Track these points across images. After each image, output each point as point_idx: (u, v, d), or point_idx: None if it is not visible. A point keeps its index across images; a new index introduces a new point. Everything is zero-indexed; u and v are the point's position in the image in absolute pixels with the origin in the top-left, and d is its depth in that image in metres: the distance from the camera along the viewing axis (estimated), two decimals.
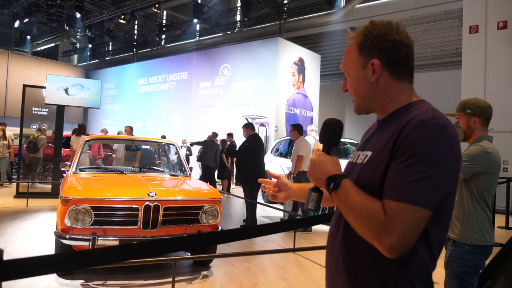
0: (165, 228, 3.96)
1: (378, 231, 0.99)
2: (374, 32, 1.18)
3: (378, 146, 1.14)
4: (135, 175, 4.87)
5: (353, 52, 1.22)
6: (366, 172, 1.13)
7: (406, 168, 1.01)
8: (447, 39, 14.05)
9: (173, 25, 20.18)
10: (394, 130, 1.09)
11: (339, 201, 1.10)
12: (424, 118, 1.04)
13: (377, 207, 1.02)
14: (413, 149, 1.01)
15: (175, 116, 18.12)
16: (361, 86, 1.21)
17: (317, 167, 1.16)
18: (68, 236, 3.75)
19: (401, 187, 1.00)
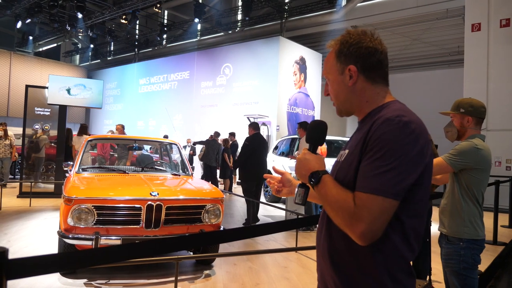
0: (168, 228, 3.97)
1: (349, 220, 1.09)
2: (350, 40, 1.28)
3: (353, 144, 1.24)
4: (138, 175, 4.88)
5: (331, 59, 1.31)
6: (342, 168, 1.23)
7: (372, 162, 1.10)
8: (449, 37, 14.02)
9: (174, 25, 20.20)
10: (366, 129, 1.19)
11: (320, 194, 1.20)
12: (389, 116, 1.14)
13: (349, 199, 1.12)
14: (378, 144, 1.11)
15: (177, 116, 18.14)
16: (340, 90, 1.30)
17: (302, 165, 1.26)
18: (71, 236, 3.76)
19: (368, 179, 1.10)
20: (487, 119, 10.88)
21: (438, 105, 13.86)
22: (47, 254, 1.13)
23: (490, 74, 10.88)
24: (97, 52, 24.61)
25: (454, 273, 2.49)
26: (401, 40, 14.84)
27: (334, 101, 1.34)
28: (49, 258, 1.12)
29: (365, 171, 1.12)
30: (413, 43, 14.78)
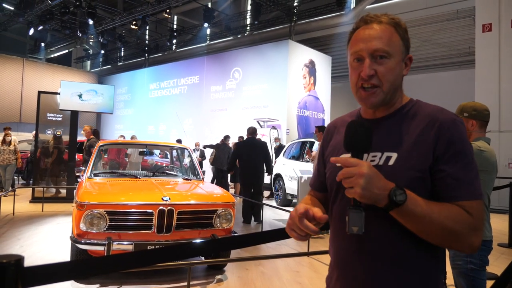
0: (179, 232, 3.98)
1: (469, 232, 1.02)
2: (407, 29, 1.20)
3: (403, 146, 1.10)
4: (149, 180, 4.90)
5: (395, 38, 1.15)
6: (400, 174, 1.07)
7: (464, 168, 1.05)
8: (460, 38, 13.89)
9: (184, 30, 20.32)
10: (421, 130, 1.10)
11: (409, 214, 1.00)
12: (455, 117, 1.10)
13: (460, 210, 1.03)
14: (463, 149, 1.06)
15: (187, 120, 18.21)
16: (399, 76, 1.16)
17: (374, 182, 0.99)
18: (83, 241, 3.78)
19: (470, 186, 1.04)
20: (500, 120, 10.74)
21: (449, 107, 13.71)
22: (61, 261, 1.14)
23: (502, 74, 10.75)
24: (107, 58, 24.85)
25: (461, 274, 2.50)
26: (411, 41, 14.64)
27: (384, 86, 1.13)
28: (64, 266, 1.12)
29: (460, 177, 1.04)
30: (423, 45, 14.67)
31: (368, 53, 1.12)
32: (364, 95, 1.14)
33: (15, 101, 21.09)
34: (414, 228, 1.03)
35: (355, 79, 1.16)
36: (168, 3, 15.74)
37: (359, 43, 1.15)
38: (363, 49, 1.13)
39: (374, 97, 1.14)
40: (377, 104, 1.15)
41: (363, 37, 1.15)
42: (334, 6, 15.32)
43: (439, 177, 1.06)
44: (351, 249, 1.14)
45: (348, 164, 1.00)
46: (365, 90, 1.14)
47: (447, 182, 1.05)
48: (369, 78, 1.12)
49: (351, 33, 1.22)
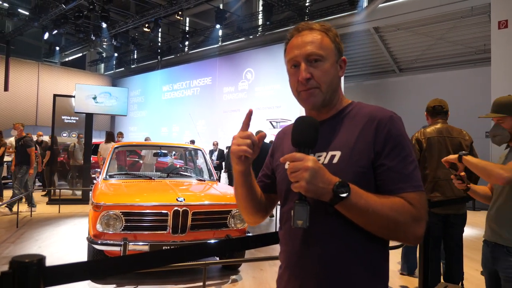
0: (194, 233, 4.00)
1: (412, 223, 1.05)
2: (337, 34, 1.27)
3: (345, 144, 1.15)
4: (163, 181, 4.94)
5: (327, 43, 1.22)
6: (344, 171, 1.10)
7: (403, 160, 1.10)
8: (475, 35, 13.67)
9: (196, 32, 20.42)
10: (361, 128, 1.15)
11: (357, 206, 1.03)
12: (392, 114, 1.15)
13: (402, 202, 1.06)
14: (400, 142, 1.11)
15: (200, 121, 18.30)
16: (335, 77, 1.22)
17: (319, 176, 1.01)
18: (100, 242, 3.83)
19: (410, 177, 1.09)
20: None
21: (464, 105, 13.56)
22: (80, 261, 1.16)
23: None
24: (121, 61, 25.09)
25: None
26: (425, 40, 14.57)
27: (322, 87, 1.18)
28: (83, 266, 1.14)
29: (400, 171, 1.09)
30: (437, 43, 14.48)
31: (303, 58, 1.18)
32: (305, 95, 1.20)
33: (31, 104, 21.44)
34: (360, 221, 1.06)
35: (294, 84, 1.22)
36: (180, 5, 15.83)
37: (294, 50, 1.21)
38: (297, 55, 1.20)
39: (314, 97, 1.19)
40: (317, 104, 1.20)
41: (297, 44, 1.21)
42: (346, 5, 15.22)
43: (381, 171, 1.10)
44: (300, 246, 1.16)
45: (294, 159, 1.03)
46: (305, 92, 1.20)
47: (388, 175, 1.10)
48: (307, 82, 1.17)
49: (286, 43, 1.29)
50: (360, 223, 1.07)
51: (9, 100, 20.20)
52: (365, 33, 15.24)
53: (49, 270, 0.98)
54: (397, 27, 14.41)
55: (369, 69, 16.96)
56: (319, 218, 1.11)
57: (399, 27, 14.32)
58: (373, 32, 15.08)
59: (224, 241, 1.61)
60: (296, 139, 1.10)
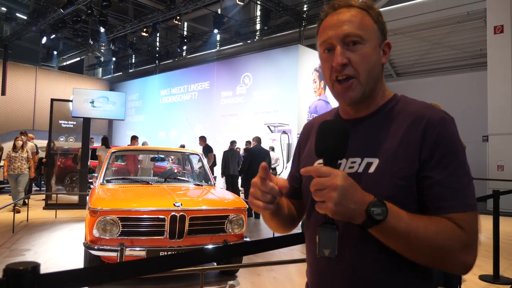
0: (191, 238, 3.98)
1: (462, 250, 0.87)
2: (378, 10, 1.05)
3: (385, 150, 0.96)
4: (161, 186, 4.92)
5: (369, 22, 1.01)
6: (381, 183, 0.93)
7: (454, 173, 0.91)
8: (471, 40, 13.77)
9: (194, 36, 20.46)
10: (405, 130, 0.95)
11: (390, 231, 0.86)
12: (444, 115, 0.96)
13: (451, 225, 0.88)
14: (453, 150, 0.92)
15: (198, 126, 18.29)
16: (377, 63, 1.01)
17: (350, 195, 0.83)
18: (96, 247, 3.81)
19: (461, 194, 0.90)
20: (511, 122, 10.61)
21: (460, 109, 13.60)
22: (76, 268, 1.15)
23: None
24: (119, 65, 25.11)
25: None
26: (422, 44, 14.65)
27: (361, 76, 0.98)
28: (79, 272, 1.13)
29: (450, 184, 0.90)
30: (434, 47, 14.57)
31: (339, 39, 0.98)
32: (341, 89, 1.00)
33: (29, 108, 21.39)
34: (398, 247, 0.89)
35: (328, 72, 1.01)
36: (178, 10, 15.87)
37: (328, 30, 1.00)
38: (332, 37, 0.99)
39: (352, 91, 0.99)
40: (356, 99, 1.00)
41: (332, 24, 1.00)
42: None
43: (426, 185, 0.92)
44: (325, 273, 1.01)
45: (319, 174, 0.84)
46: (340, 83, 0.99)
47: (434, 191, 0.91)
48: (342, 68, 0.97)
49: (319, 24, 1.06)
50: (399, 249, 0.89)
51: (6, 105, 20.15)
52: None
53: (44, 278, 0.97)
54: (394, 32, 14.47)
55: None
56: (348, 243, 0.96)
57: (396, 32, 14.38)
58: None
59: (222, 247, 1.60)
60: (320, 148, 0.91)
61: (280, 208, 1.08)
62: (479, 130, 12.56)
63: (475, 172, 8.40)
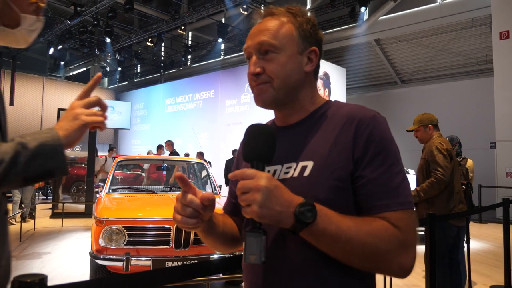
0: (197, 248, 3.97)
1: (397, 250, 0.84)
2: (310, 19, 1.04)
3: (319, 152, 0.93)
4: (166, 195, 4.93)
5: (289, 30, 1.00)
6: (317, 185, 0.90)
7: (388, 171, 0.88)
8: (477, 46, 13.74)
9: (199, 46, 20.59)
10: (338, 132, 0.93)
11: (321, 234, 0.82)
12: (374, 114, 0.94)
13: (385, 224, 0.85)
14: (384, 148, 0.90)
15: (203, 134, 18.34)
16: (294, 72, 0.99)
17: (275, 197, 0.80)
18: (102, 257, 3.80)
19: (396, 192, 0.87)
20: None
21: (467, 116, 13.55)
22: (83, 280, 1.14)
23: None
24: (124, 75, 25.30)
25: None
26: (426, 51, 14.63)
27: (274, 82, 0.98)
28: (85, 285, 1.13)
29: (383, 182, 0.87)
30: (438, 54, 14.54)
31: (254, 49, 1.00)
32: (255, 92, 1.02)
33: (36, 118, 21.56)
34: (331, 251, 0.85)
35: (248, 79, 1.05)
36: (183, 19, 16.01)
37: (248, 39, 1.03)
38: (250, 46, 1.01)
39: (264, 94, 1.00)
40: (268, 102, 1.01)
41: (252, 33, 1.03)
42: (347, 18, 15.33)
43: (360, 184, 0.89)
44: (260, 282, 0.96)
45: (244, 176, 0.82)
46: (255, 87, 1.02)
47: (368, 190, 0.88)
48: (257, 77, 1.00)
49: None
50: (333, 253, 0.85)
51: (14, 115, 20.32)
52: (366, 46, 15.32)
53: None
54: (398, 39, 14.48)
55: (371, 81, 17.01)
56: (280, 249, 0.92)
57: (400, 39, 14.39)
58: (374, 45, 15.16)
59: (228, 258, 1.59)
60: (247, 152, 0.89)
61: (213, 226, 1.03)
62: (487, 137, 12.48)
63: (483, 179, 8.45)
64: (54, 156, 0.94)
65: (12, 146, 0.89)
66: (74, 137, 1.01)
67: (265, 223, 0.82)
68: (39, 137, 0.93)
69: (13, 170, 0.88)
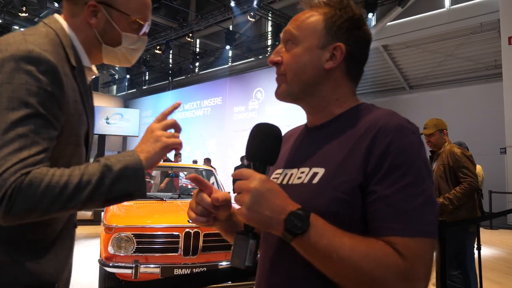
0: (206, 255, 3.97)
1: (396, 281, 0.73)
2: (349, 12, 0.93)
3: (332, 160, 0.86)
4: (175, 202, 4.94)
5: (316, 22, 0.93)
6: (322, 195, 0.83)
7: (403, 190, 0.76)
8: (485, 51, 13.64)
9: (206, 53, 20.71)
10: (356, 139, 0.84)
11: (311, 248, 0.75)
12: (402, 122, 0.82)
13: (385, 248, 0.74)
14: (404, 163, 0.78)
15: (211, 141, 18.39)
16: (309, 66, 0.92)
17: (265, 201, 0.76)
18: (111, 264, 3.82)
19: (408, 216, 0.75)
20: None
21: (476, 121, 13.42)
22: None
23: None
24: (133, 82, 25.50)
25: None
26: (435, 56, 14.56)
27: (288, 74, 0.94)
28: None
29: (395, 202, 0.76)
30: (447, 59, 14.47)
31: (282, 37, 0.97)
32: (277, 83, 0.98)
33: None
34: (322, 268, 0.77)
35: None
36: (191, 27, 16.13)
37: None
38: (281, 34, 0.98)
39: (278, 87, 0.97)
40: (281, 95, 0.97)
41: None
42: None
43: (369, 200, 0.79)
44: (262, 284, 0.93)
45: (240, 176, 0.79)
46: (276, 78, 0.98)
47: (376, 208, 0.78)
48: (276, 66, 0.96)
49: None
50: (324, 271, 0.78)
51: None
52: (374, 51, 15.29)
53: None
54: (406, 45, 14.44)
55: (379, 86, 16.96)
56: (283, 253, 0.87)
57: (408, 45, 14.35)
58: (382, 50, 15.13)
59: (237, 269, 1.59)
60: (247, 151, 0.87)
61: (234, 225, 1.00)
62: (496, 143, 12.35)
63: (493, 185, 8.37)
64: (135, 179, 0.99)
65: (99, 168, 0.95)
66: (155, 159, 1.05)
67: (254, 226, 0.79)
68: (123, 160, 0.98)
69: (97, 191, 0.93)
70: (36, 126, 0.92)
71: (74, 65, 1.07)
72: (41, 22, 1.11)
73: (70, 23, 1.12)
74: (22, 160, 0.87)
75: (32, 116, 0.92)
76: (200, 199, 0.90)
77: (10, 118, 0.89)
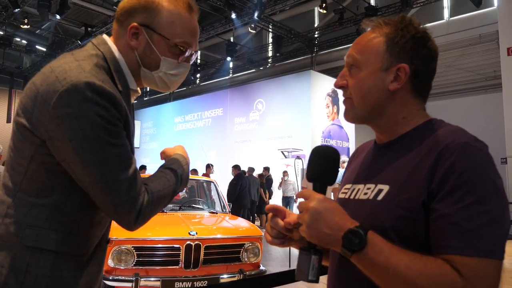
0: (207, 268, 3.94)
1: None
2: (412, 31, 0.93)
3: (396, 177, 0.88)
4: (175, 214, 4.92)
5: (378, 44, 0.94)
6: (385, 212, 0.85)
7: (467, 209, 0.75)
8: (484, 62, 13.72)
9: (207, 64, 20.84)
10: (421, 157, 0.85)
11: (369, 264, 0.78)
12: (468, 140, 0.82)
13: (444, 267, 0.74)
14: (468, 181, 0.77)
15: (212, 152, 18.37)
16: (374, 89, 0.93)
17: (324, 219, 0.80)
18: (111, 277, 3.79)
19: (471, 235, 0.74)
20: None
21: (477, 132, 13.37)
22: None
23: None
24: None
25: None
26: None
27: (354, 98, 0.96)
28: None
29: (457, 221, 0.75)
30: (446, 70, 14.53)
31: (346, 61, 0.99)
32: (345, 108, 1.02)
33: None
34: (379, 282, 0.80)
35: None
36: None
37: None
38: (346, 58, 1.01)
39: (346, 110, 1.00)
40: (350, 118, 1.00)
41: (353, 44, 1.02)
42: (354, 36, 15.45)
43: (432, 218, 0.79)
44: None
45: (301, 196, 0.86)
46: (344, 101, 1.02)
47: (438, 225, 0.78)
48: (343, 90, 0.99)
49: None
50: (381, 285, 0.80)
51: None
52: None
53: None
54: None
55: None
56: (347, 267, 0.89)
57: None
58: None
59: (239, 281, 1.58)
60: (308, 172, 0.93)
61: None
62: (497, 153, 12.33)
63: None
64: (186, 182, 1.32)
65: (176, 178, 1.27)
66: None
67: (315, 243, 0.84)
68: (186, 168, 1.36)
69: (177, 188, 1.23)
70: (128, 156, 1.06)
71: (120, 90, 1.07)
72: (90, 43, 1.12)
73: (117, 44, 1.13)
74: (140, 185, 1.06)
75: (121, 149, 1.04)
76: (275, 223, 0.98)
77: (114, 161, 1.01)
